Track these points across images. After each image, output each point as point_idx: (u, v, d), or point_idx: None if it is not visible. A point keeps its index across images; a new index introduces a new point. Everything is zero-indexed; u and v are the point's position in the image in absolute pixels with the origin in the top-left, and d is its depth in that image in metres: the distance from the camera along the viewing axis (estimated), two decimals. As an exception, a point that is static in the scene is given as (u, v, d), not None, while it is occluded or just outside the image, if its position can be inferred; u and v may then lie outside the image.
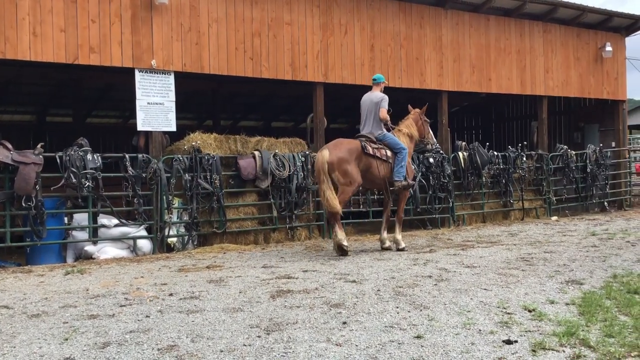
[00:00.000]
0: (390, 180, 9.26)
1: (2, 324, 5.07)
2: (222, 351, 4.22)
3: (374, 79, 9.74)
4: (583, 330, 4.60)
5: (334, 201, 8.59)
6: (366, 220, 12.05)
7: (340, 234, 8.69)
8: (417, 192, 12.21)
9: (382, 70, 12.37)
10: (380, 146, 9.21)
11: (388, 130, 9.48)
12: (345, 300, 5.71)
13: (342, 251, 8.75)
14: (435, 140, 10.68)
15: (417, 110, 10.13)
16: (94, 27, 9.45)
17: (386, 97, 9.33)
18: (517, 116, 21.08)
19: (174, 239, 9.89)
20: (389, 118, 9.37)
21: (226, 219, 10.23)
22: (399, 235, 9.50)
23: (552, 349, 4.19)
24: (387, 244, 9.50)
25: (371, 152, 9.01)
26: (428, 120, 10.30)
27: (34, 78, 13.92)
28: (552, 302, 5.57)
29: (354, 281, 6.71)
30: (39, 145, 8.82)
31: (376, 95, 9.39)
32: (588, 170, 15.40)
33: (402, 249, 9.29)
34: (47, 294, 6.29)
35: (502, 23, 14.39)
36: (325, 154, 8.72)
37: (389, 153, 9.24)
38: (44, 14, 9.07)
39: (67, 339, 4.53)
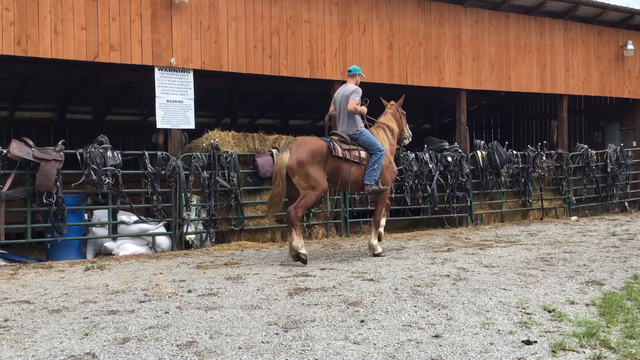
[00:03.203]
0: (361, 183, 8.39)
1: (24, 318, 5.14)
2: (240, 348, 4.24)
3: (349, 71, 8.84)
4: (603, 331, 4.56)
5: (273, 210, 8.14)
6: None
7: (297, 241, 7.77)
8: (435, 191, 12.16)
9: (400, 69, 12.34)
10: (352, 147, 8.29)
11: (367, 126, 8.72)
12: (363, 299, 5.70)
13: (300, 260, 7.81)
14: (410, 133, 9.92)
15: (394, 102, 9.50)
16: (114, 25, 9.53)
17: (359, 90, 8.46)
18: (537, 115, 20.88)
19: (192, 236, 9.96)
20: (364, 110, 8.51)
21: (244, 216, 10.27)
22: (374, 240, 8.58)
23: (572, 350, 4.15)
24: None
25: (340, 154, 8.08)
26: (404, 113, 9.71)
27: (54, 75, 14.08)
28: (572, 303, 5.52)
29: (372, 280, 6.70)
30: (60, 142, 8.92)
31: (348, 88, 8.48)
32: (608, 169, 15.20)
33: (378, 255, 8.44)
34: (68, 290, 6.37)
35: (522, 21, 14.26)
36: (284, 157, 7.89)
37: (362, 154, 8.34)
38: (65, 12, 9.16)
39: (87, 334, 4.58)
